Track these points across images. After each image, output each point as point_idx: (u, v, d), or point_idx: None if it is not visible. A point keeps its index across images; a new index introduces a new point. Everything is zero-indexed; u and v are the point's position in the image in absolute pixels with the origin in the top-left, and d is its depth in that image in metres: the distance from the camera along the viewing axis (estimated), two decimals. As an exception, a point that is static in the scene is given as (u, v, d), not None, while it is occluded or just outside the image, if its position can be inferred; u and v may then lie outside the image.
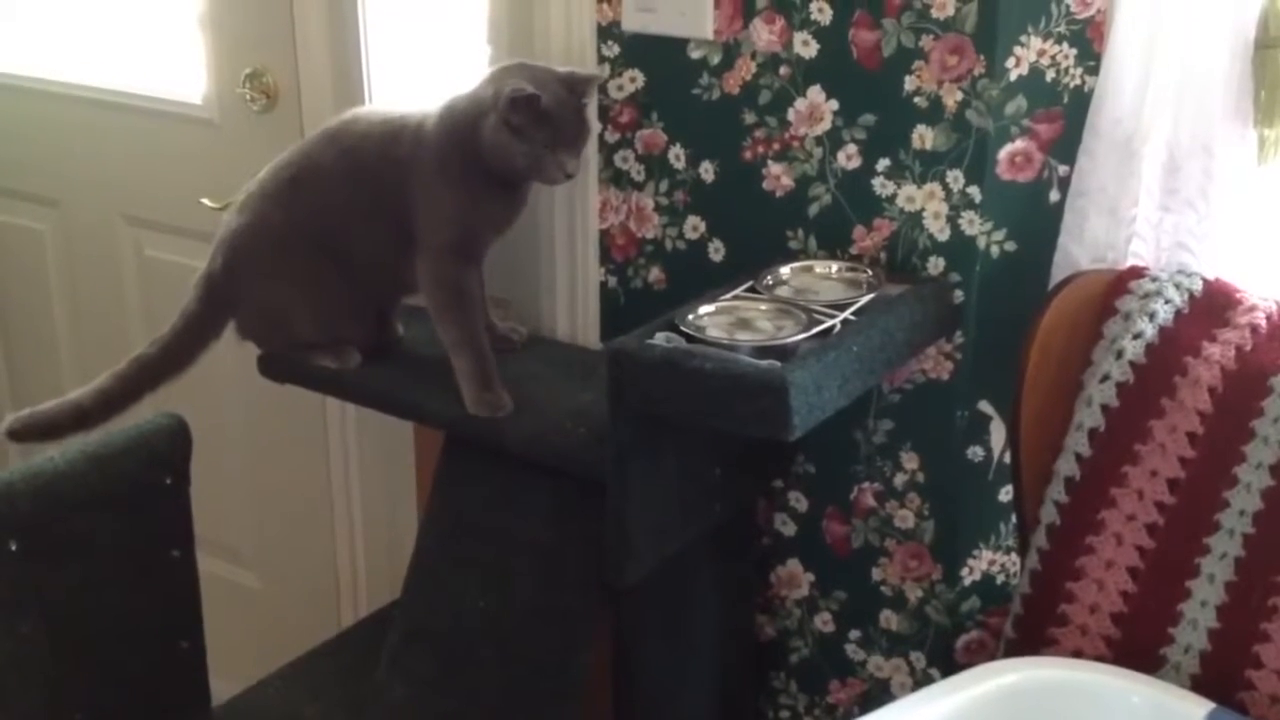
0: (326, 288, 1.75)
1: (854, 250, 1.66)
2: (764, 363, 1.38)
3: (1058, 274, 1.59)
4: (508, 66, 1.67)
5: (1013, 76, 1.53)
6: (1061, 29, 1.53)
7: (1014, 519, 1.66)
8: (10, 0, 2.59)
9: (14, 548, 1.53)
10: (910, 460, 1.70)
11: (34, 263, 2.64)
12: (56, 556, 1.59)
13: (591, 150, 1.80)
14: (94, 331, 2.58)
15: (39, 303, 2.67)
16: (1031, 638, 1.47)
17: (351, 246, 1.73)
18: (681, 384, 1.40)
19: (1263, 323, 1.44)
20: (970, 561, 1.71)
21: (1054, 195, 1.60)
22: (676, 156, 1.77)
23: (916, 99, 1.57)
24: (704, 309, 1.52)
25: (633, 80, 1.77)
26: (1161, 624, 1.38)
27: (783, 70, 1.65)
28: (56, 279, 2.63)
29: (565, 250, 1.89)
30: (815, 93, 1.64)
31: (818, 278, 1.62)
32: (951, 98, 1.55)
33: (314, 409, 2.22)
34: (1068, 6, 1.52)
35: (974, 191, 1.57)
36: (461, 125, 1.64)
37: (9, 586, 1.55)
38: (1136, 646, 1.39)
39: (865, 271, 1.61)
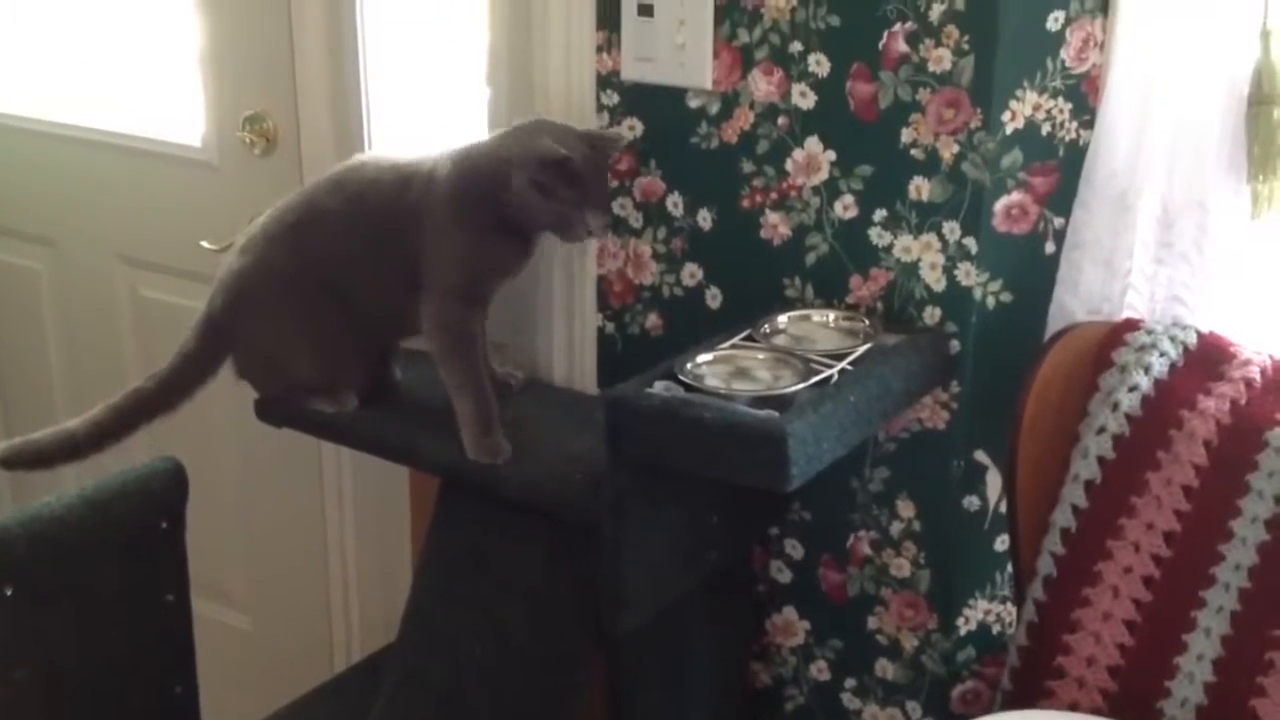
0: (327, 330, 1.75)
1: (851, 299, 1.67)
2: (762, 413, 1.38)
3: (1053, 325, 1.60)
4: (527, 125, 1.67)
5: (1009, 130, 1.54)
6: (1057, 83, 1.55)
7: (1009, 569, 1.66)
8: (8, 41, 2.60)
9: (9, 592, 1.52)
10: (906, 509, 1.70)
11: (30, 303, 2.65)
12: (52, 601, 1.58)
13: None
14: (89, 371, 2.57)
15: (35, 342, 2.67)
16: (1028, 690, 1.47)
17: (354, 290, 1.73)
18: (680, 433, 1.40)
19: (1257, 377, 1.45)
20: (966, 611, 1.71)
21: (1049, 247, 1.61)
22: (674, 204, 1.78)
23: (913, 151, 1.58)
24: (702, 358, 1.53)
25: (631, 128, 1.79)
26: (1158, 677, 1.38)
27: (781, 121, 1.67)
28: (52, 319, 2.63)
29: (563, 295, 1.90)
30: (813, 143, 1.65)
31: (815, 326, 1.63)
32: (948, 150, 1.56)
33: (309, 452, 2.22)
34: (1063, 61, 1.54)
35: (970, 243, 1.58)
36: (482, 178, 1.65)
37: (4, 631, 1.54)
38: (1133, 700, 1.39)
39: (862, 321, 1.62)
